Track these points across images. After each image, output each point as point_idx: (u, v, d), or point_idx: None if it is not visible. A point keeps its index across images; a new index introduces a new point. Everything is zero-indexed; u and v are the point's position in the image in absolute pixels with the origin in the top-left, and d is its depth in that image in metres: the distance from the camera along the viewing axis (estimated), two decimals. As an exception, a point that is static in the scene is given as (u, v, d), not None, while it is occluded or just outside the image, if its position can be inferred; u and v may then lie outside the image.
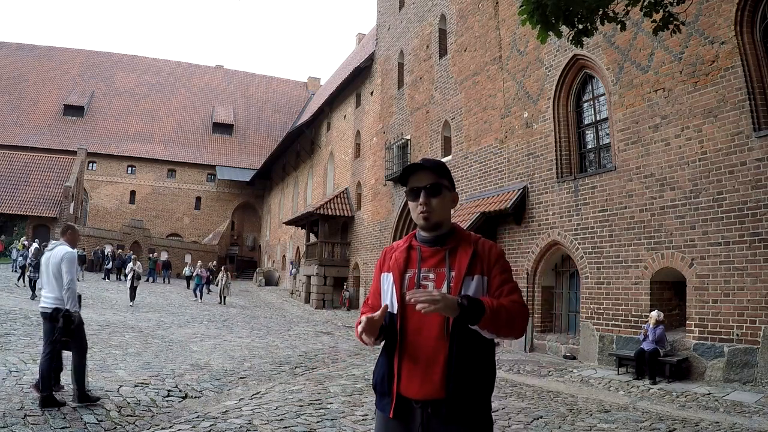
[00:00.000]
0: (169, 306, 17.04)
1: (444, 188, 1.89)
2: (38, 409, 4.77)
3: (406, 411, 1.79)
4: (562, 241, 10.08)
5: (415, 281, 1.85)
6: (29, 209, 29.87)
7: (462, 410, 1.74)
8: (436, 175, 1.89)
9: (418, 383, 1.76)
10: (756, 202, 6.90)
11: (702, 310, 7.49)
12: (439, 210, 1.87)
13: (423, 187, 1.87)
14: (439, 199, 1.87)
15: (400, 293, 1.84)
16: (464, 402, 1.74)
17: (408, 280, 1.87)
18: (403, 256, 1.92)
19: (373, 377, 1.93)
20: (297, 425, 4.90)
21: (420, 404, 1.76)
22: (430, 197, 1.86)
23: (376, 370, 1.91)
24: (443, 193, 1.88)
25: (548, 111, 10.69)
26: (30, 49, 45.20)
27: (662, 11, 5.10)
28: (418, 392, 1.76)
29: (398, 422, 1.81)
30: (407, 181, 1.92)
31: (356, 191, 21.67)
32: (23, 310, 11.36)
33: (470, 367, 1.75)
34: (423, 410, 1.76)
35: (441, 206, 1.88)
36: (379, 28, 20.75)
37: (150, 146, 41.44)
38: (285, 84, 52.05)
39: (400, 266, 1.89)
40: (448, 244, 1.88)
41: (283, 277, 33.00)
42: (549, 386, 7.45)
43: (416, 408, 1.77)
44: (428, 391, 1.75)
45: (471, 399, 1.75)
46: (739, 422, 5.47)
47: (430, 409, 1.75)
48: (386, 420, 1.84)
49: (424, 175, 1.89)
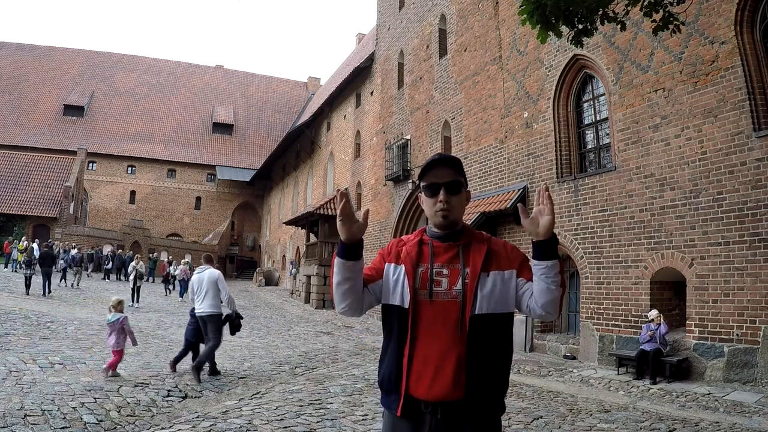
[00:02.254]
0: (170, 306, 17.04)
1: (462, 186, 1.86)
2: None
3: (414, 411, 1.73)
4: (562, 241, 10.07)
5: (428, 276, 1.79)
6: (29, 209, 29.88)
7: (480, 412, 1.70)
8: (456, 172, 1.84)
9: (427, 383, 1.70)
10: (756, 202, 6.90)
11: (702, 310, 7.49)
12: (457, 208, 1.84)
13: (443, 184, 1.81)
14: (458, 197, 1.83)
15: (413, 287, 1.78)
16: (482, 404, 1.69)
17: (421, 275, 1.80)
18: (415, 250, 1.85)
19: (379, 374, 1.86)
20: (297, 425, 4.90)
21: (430, 407, 1.70)
22: (450, 195, 1.82)
23: (382, 367, 1.84)
24: (462, 192, 1.85)
25: (548, 111, 10.69)
26: (30, 49, 45.20)
27: (662, 11, 5.10)
28: (427, 393, 1.70)
29: (407, 422, 1.74)
30: (424, 176, 1.86)
31: (356, 191, 21.67)
32: (23, 310, 11.36)
33: (489, 365, 1.71)
34: (432, 414, 1.70)
35: (459, 204, 1.85)
36: (379, 28, 20.75)
37: (150, 146, 41.43)
38: (285, 84, 52.05)
39: (413, 260, 1.83)
40: (460, 240, 1.84)
41: (283, 277, 33.00)
42: (549, 386, 7.45)
43: (426, 412, 1.71)
44: (438, 393, 1.68)
45: (487, 400, 1.71)
46: (739, 422, 5.47)
47: (439, 412, 1.69)
48: (394, 418, 1.77)
49: (444, 171, 1.83)
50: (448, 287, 1.77)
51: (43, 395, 5.26)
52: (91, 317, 11.87)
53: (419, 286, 1.79)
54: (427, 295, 1.76)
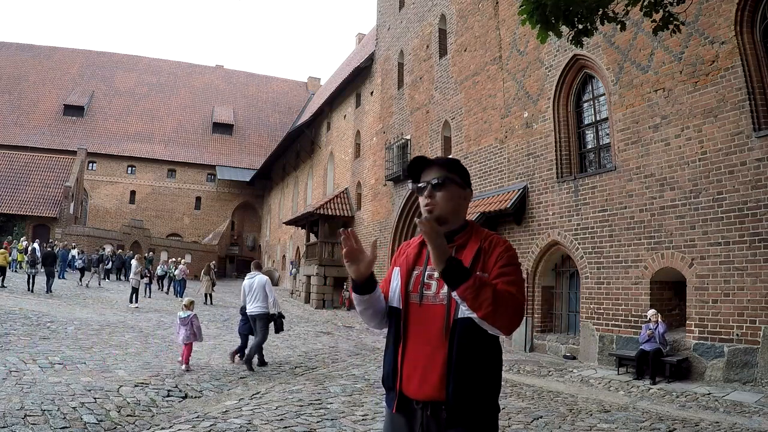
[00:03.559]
0: (169, 306, 17.03)
1: (451, 183, 1.85)
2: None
3: (408, 408, 1.79)
4: (562, 241, 10.08)
5: (420, 280, 1.83)
6: (29, 209, 29.86)
7: (463, 413, 1.71)
8: (445, 170, 1.87)
9: (417, 383, 1.75)
10: (756, 202, 6.90)
11: (702, 310, 7.49)
12: (444, 204, 1.83)
13: (429, 182, 1.85)
14: (444, 194, 1.84)
15: (405, 291, 1.84)
16: (465, 405, 1.71)
17: (414, 278, 1.85)
18: (414, 252, 1.91)
19: (382, 372, 1.93)
20: (297, 425, 4.90)
21: (420, 405, 1.75)
22: (435, 191, 1.84)
23: (384, 366, 1.91)
24: (449, 187, 1.85)
25: (548, 111, 10.69)
26: (30, 49, 45.18)
27: (662, 11, 5.10)
28: (417, 392, 1.75)
29: (402, 418, 1.80)
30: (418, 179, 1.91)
31: (356, 191, 21.67)
32: (23, 310, 11.36)
33: (471, 368, 1.71)
34: (423, 411, 1.75)
35: (446, 200, 1.84)
36: (379, 28, 20.75)
37: (150, 146, 41.42)
38: (285, 84, 52.02)
39: (409, 263, 1.89)
40: (456, 241, 1.85)
41: (283, 277, 33.01)
42: (549, 386, 7.45)
43: (417, 409, 1.76)
44: (427, 392, 1.73)
45: (472, 402, 1.72)
46: (739, 422, 5.47)
47: (429, 411, 1.74)
48: (391, 415, 1.85)
49: (432, 171, 1.88)
50: (437, 291, 1.80)
51: (43, 395, 5.26)
52: (91, 317, 11.87)
53: (411, 290, 1.85)
54: (417, 299, 1.82)
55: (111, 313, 13.19)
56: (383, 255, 18.08)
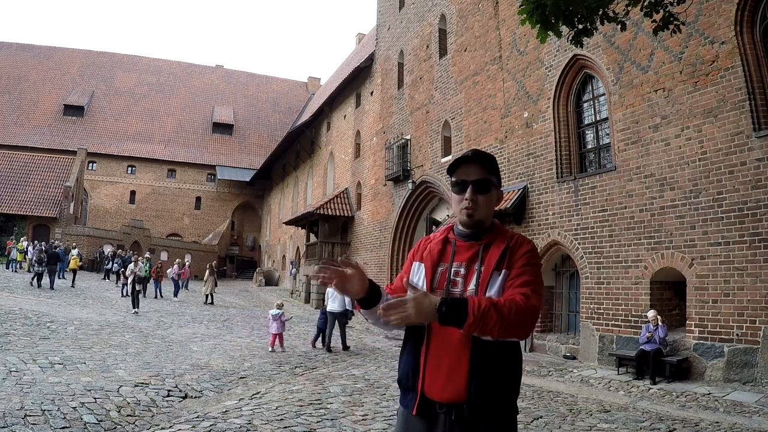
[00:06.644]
0: (169, 306, 17.03)
1: (492, 186, 1.82)
2: (37, 408, 4.77)
3: (429, 411, 1.73)
4: (562, 241, 10.08)
5: (446, 276, 1.79)
6: (29, 209, 29.86)
7: (485, 415, 1.68)
8: (487, 171, 1.81)
9: (441, 385, 1.70)
10: (756, 202, 6.90)
11: (702, 310, 7.49)
12: (484, 208, 1.81)
13: (471, 182, 1.79)
14: (486, 197, 1.80)
15: (431, 287, 1.79)
16: (487, 406, 1.68)
17: (440, 275, 1.81)
18: (437, 248, 1.87)
19: (399, 372, 1.86)
20: (297, 425, 4.91)
21: (444, 408, 1.70)
22: (477, 194, 1.79)
23: (401, 366, 1.84)
24: (491, 191, 1.81)
25: (548, 111, 10.69)
26: (30, 49, 45.16)
27: (662, 11, 5.10)
28: (440, 394, 1.70)
29: (421, 421, 1.74)
30: (453, 171, 1.83)
31: (356, 191, 21.66)
32: (23, 310, 11.36)
33: (494, 369, 1.68)
34: (446, 416, 1.69)
35: (486, 205, 1.81)
36: (379, 28, 20.74)
37: (150, 146, 41.41)
38: (285, 84, 52.00)
39: (434, 258, 1.84)
40: (483, 239, 1.82)
41: (283, 277, 33.00)
42: (549, 386, 7.45)
43: (440, 413, 1.71)
44: (451, 394, 1.68)
45: (494, 403, 1.69)
46: (739, 422, 5.47)
47: (453, 414, 1.68)
48: (408, 416, 1.77)
49: (474, 169, 1.80)
50: (464, 288, 1.77)
51: (43, 395, 5.26)
52: (91, 317, 11.88)
53: (437, 286, 1.80)
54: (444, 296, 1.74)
55: (111, 313, 13.19)
56: (383, 255, 18.09)
